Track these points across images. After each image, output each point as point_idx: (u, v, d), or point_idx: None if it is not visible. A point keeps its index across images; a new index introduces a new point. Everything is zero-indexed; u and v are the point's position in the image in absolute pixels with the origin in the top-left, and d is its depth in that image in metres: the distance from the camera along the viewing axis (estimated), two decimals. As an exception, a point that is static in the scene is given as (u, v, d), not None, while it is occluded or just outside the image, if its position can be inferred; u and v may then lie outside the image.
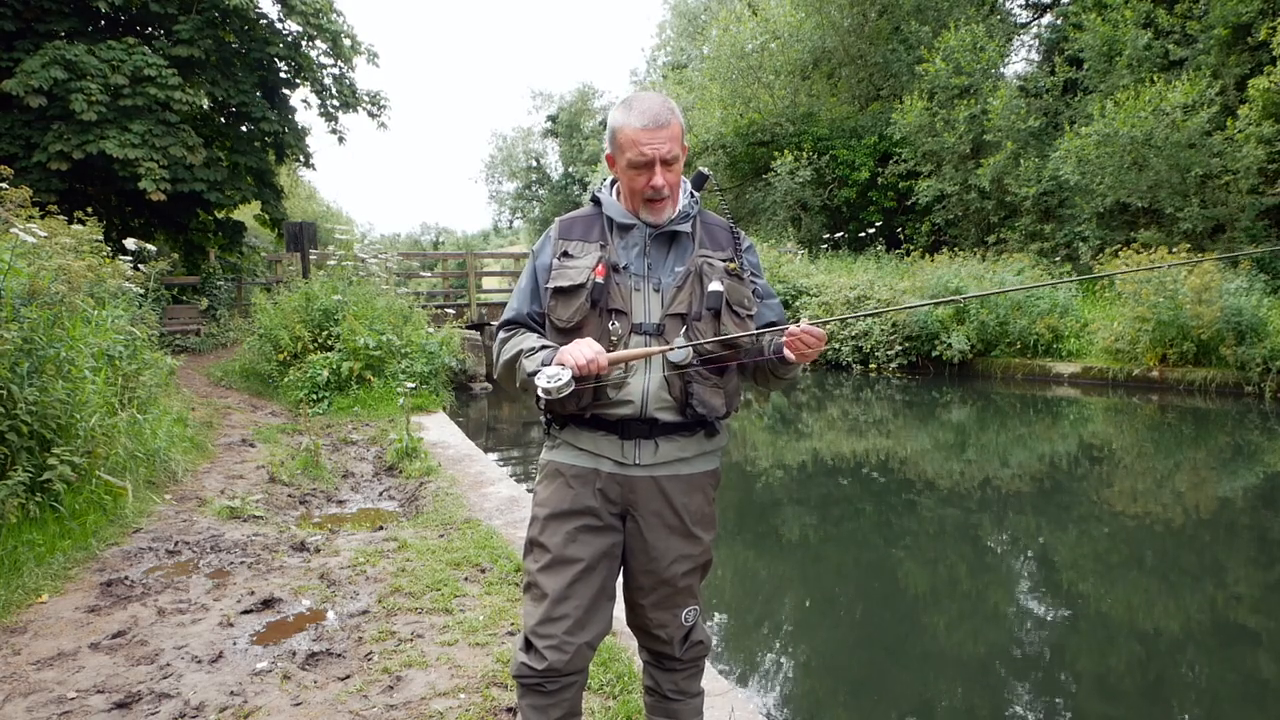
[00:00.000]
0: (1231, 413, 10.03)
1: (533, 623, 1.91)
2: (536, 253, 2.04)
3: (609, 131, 1.94)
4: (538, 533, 1.96)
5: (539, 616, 1.90)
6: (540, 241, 2.06)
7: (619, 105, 1.91)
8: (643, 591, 2.01)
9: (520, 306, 2.03)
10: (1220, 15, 14.52)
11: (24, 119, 14.04)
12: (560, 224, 2.01)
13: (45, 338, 4.54)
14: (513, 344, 1.97)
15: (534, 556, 1.96)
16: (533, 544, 1.97)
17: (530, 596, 1.95)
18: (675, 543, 1.96)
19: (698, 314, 1.89)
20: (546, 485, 1.98)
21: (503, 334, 2.02)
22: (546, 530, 1.93)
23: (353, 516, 5.56)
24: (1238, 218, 13.92)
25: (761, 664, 4.07)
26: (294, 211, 24.38)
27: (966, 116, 17.42)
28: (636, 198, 1.91)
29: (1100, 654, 4.06)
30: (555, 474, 1.97)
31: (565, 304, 1.91)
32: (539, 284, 2.00)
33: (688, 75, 26.21)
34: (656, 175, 1.86)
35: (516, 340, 1.97)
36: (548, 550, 1.92)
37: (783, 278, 15.85)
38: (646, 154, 1.84)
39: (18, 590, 3.58)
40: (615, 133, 1.90)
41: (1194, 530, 6.02)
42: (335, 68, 18.29)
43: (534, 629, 1.90)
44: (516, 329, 2.01)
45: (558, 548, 1.91)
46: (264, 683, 2.86)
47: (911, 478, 7.69)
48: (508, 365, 1.97)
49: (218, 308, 15.21)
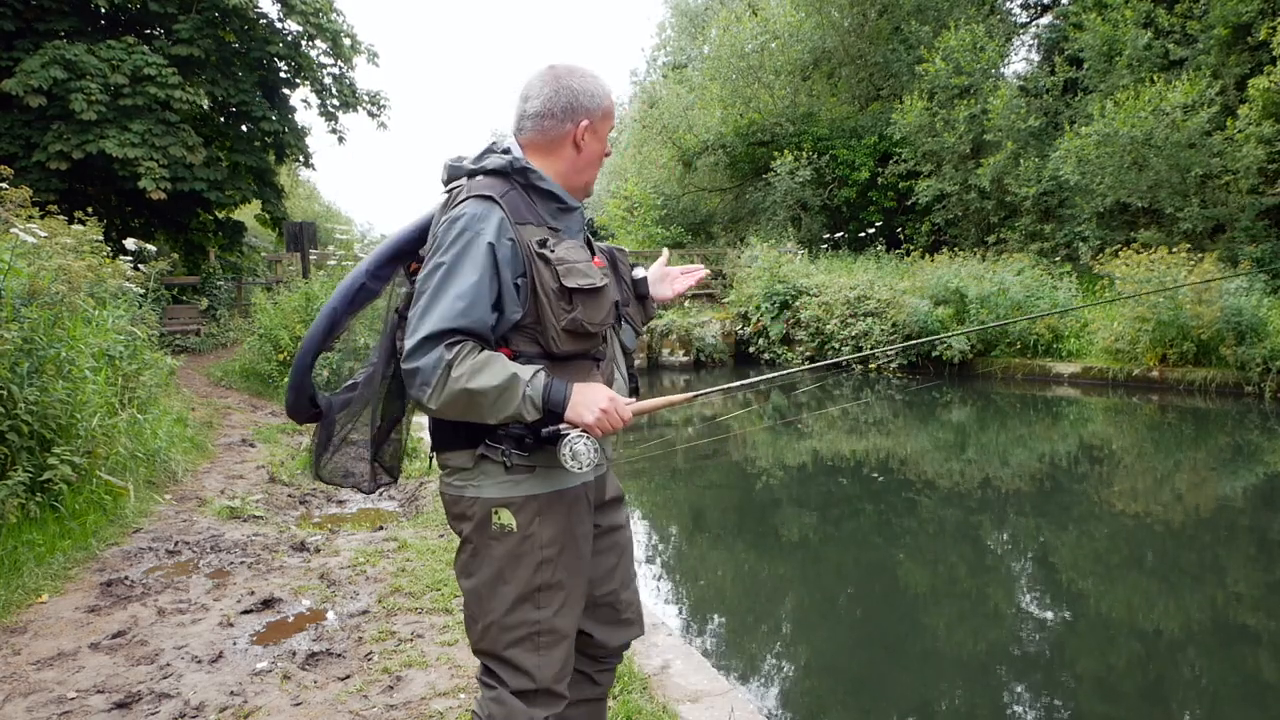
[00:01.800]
0: (1231, 413, 10.03)
1: (554, 672, 1.68)
2: (480, 236, 1.56)
3: (591, 98, 1.72)
4: (550, 576, 1.66)
5: (560, 663, 1.69)
6: (476, 220, 1.57)
7: (586, 75, 1.73)
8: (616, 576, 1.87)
9: (477, 313, 1.55)
10: (1220, 15, 14.52)
11: (24, 119, 14.04)
12: (504, 201, 1.61)
13: (45, 338, 4.54)
14: (494, 367, 1.53)
15: (542, 599, 1.67)
16: (543, 589, 1.66)
17: (543, 644, 1.67)
18: (617, 517, 1.90)
19: (627, 299, 1.90)
20: (545, 521, 1.66)
21: (446, 351, 1.51)
22: (559, 569, 1.67)
23: (353, 516, 5.56)
24: (1238, 218, 13.92)
25: (761, 664, 4.07)
26: (294, 211, 24.36)
27: (966, 116, 17.41)
28: (593, 171, 1.77)
29: (1100, 654, 4.06)
30: (555, 506, 1.68)
31: (595, 307, 1.63)
32: (502, 281, 1.58)
33: (688, 75, 26.18)
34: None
35: (489, 361, 1.53)
36: (563, 590, 1.68)
37: (783, 278, 15.84)
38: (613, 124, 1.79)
39: (18, 590, 3.58)
40: (601, 100, 1.73)
41: (1194, 530, 6.02)
42: (335, 67, 18.29)
43: (554, 681, 1.69)
44: (465, 342, 1.54)
45: (575, 586, 1.71)
46: (264, 683, 2.86)
47: (911, 478, 7.69)
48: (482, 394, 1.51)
49: (218, 308, 15.20)
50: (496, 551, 1.66)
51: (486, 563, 1.67)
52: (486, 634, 1.68)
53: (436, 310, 1.54)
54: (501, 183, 1.65)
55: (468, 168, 1.70)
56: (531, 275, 1.60)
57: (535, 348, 1.64)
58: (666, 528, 6.68)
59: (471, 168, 1.70)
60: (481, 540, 1.67)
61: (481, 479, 1.67)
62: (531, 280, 1.60)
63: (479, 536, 1.67)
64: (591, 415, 1.58)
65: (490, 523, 1.66)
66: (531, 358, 1.63)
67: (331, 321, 1.78)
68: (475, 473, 1.67)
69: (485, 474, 1.66)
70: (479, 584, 1.68)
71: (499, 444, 1.63)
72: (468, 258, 1.56)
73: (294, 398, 1.81)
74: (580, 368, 1.68)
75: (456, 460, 1.70)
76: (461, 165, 1.72)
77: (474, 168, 1.69)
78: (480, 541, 1.67)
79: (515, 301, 1.60)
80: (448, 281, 1.55)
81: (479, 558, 1.68)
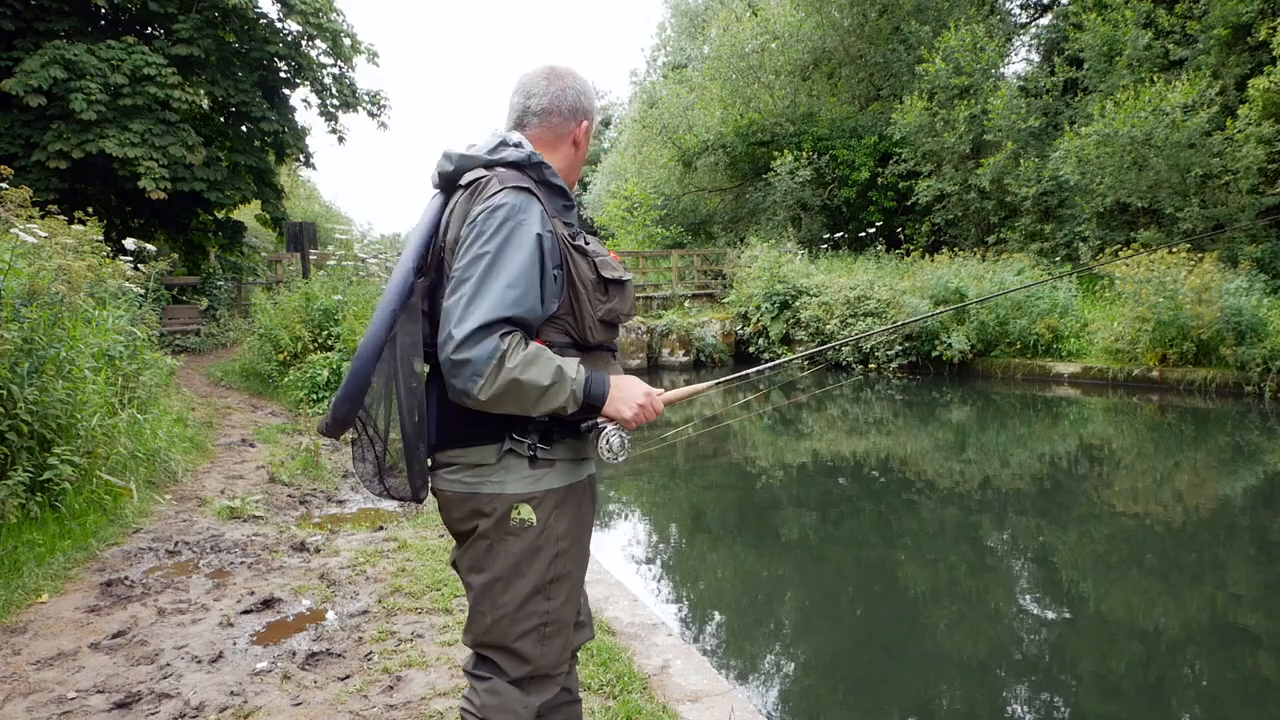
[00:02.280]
0: (1231, 413, 10.03)
1: (554, 659, 1.72)
2: (526, 226, 1.55)
3: (590, 100, 1.82)
4: (562, 568, 1.69)
5: (559, 650, 1.72)
6: (518, 211, 1.56)
7: (582, 77, 1.81)
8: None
9: (529, 302, 1.53)
10: (1220, 15, 14.52)
11: (24, 118, 14.05)
12: (538, 188, 1.63)
13: (45, 338, 4.53)
14: (542, 361, 1.51)
15: (554, 591, 1.68)
16: (554, 581, 1.68)
17: (548, 633, 1.69)
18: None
19: None
20: (561, 514, 1.67)
21: (500, 341, 1.48)
22: (569, 560, 1.71)
23: (353, 516, 5.56)
24: (1237, 218, 13.93)
25: (761, 664, 4.07)
26: (294, 211, 24.37)
27: (966, 116, 17.42)
28: (580, 169, 1.85)
29: (1100, 654, 4.06)
30: (569, 499, 1.70)
31: (625, 297, 1.67)
32: (545, 271, 1.56)
33: (688, 75, 26.18)
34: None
35: (539, 354, 1.52)
36: (571, 579, 1.72)
37: (783, 278, 15.85)
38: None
39: (18, 590, 3.58)
40: (595, 103, 1.84)
41: (1194, 530, 6.02)
42: (335, 67, 18.30)
43: (553, 667, 1.72)
44: (515, 332, 1.51)
45: (580, 576, 1.76)
46: (264, 683, 2.86)
47: (911, 478, 7.69)
48: (534, 387, 1.50)
49: (218, 308, 15.21)
50: (514, 546, 1.64)
51: (502, 557, 1.65)
52: (495, 627, 1.66)
53: (487, 299, 1.49)
54: (520, 175, 1.64)
55: (484, 158, 1.67)
56: (567, 266, 1.60)
57: (566, 338, 1.63)
58: (666, 527, 6.68)
59: (489, 158, 1.66)
60: (498, 535, 1.64)
61: (503, 474, 1.64)
62: (568, 271, 1.60)
63: (497, 531, 1.64)
64: (630, 410, 1.60)
65: (510, 518, 1.63)
66: (563, 348, 1.61)
67: (392, 321, 1.67)
68: (497, 468, 1.64)
69: (508, 469, 1.64)
70: (492, 579, 1.66)
71: (524, 438, 1.61)
72: (514, 246, 1.53)
73: (348, 410, 1.63)
74: (601, 358, 1.70)
75: (474, 456, 1.65)
76: (477, 156, 1.68)
77: (492, 159, 1.66)
78: (497, 536, 1.64)
79: (554, 293, 1.59)
80: (495, 270, 1.51)
81: (494, 553, 1.65)
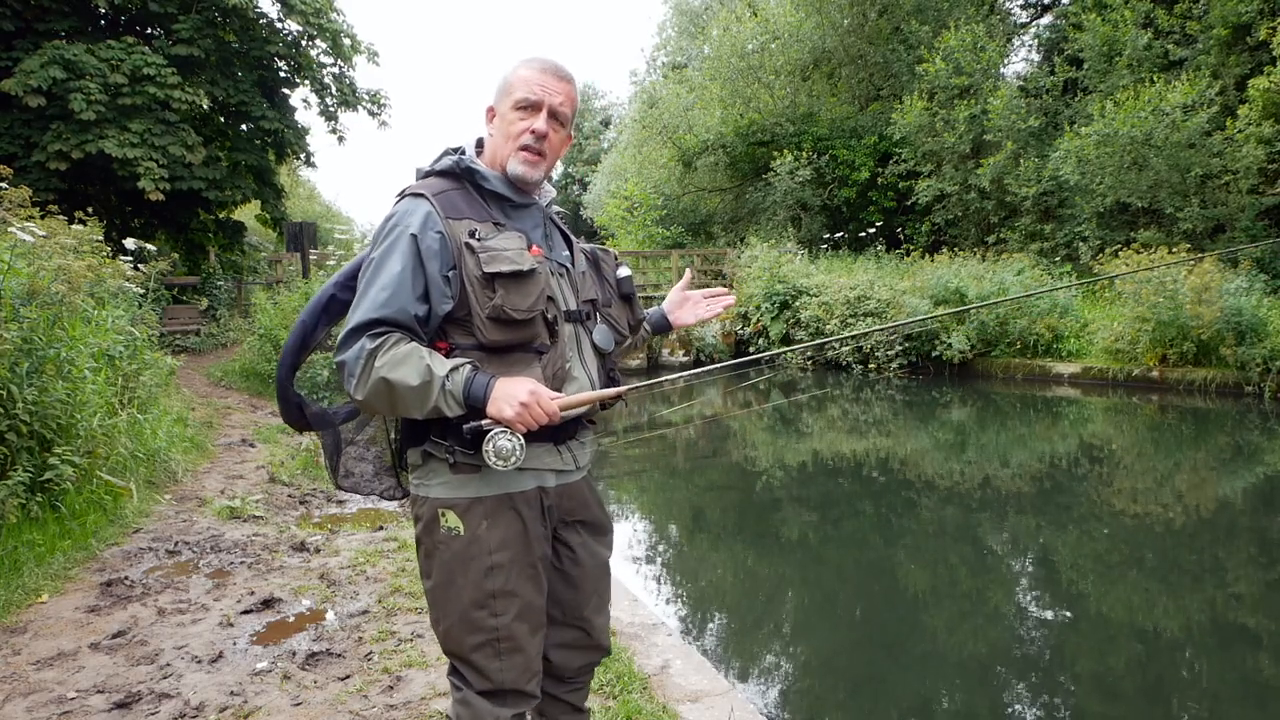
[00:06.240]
0: (1231, 413, 10.03)
1: (514, 676, 1.64)
2: (405, 230, 1.57)
3: (500, 81, 1.70)
4: (503, 583, 1.60)
5: (520, 668, 1.64)
6: (405, 216, 1.59)
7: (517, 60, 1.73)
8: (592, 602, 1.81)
9: (400, 303, 1.53)
10: (1220, 15, 14.53)
11: (23, 118, 14.03)
12: (438, 200, 1.61)
13: (45, 338, 4.53)
14: (412, 360, 1.50)
15: (498, 606, 1.61)
16: (495, 595, 1.60)
17: (503, 650, 1.62)
18: (599, 549, 1.82)
19: (608, 300, 1.88)
20: (494, 524, 1.61)
21: (369, 341, 1.51)
22: (512, 575, 1.61)
23: (353, 516, 5.56)
24: (1237, 218, 13.93)
25: (761, 664, 4.07)
26: (294, 211, 24.34)
27: (966, 116, 17.42)
28: (510, 146, 1.65)
29: (1100, 654, 4.06)
30: (502, 507, 1.62)
31: (520, 292, 1.57)
32: (428, 272, 1.56)
33: (688, 75, 26.18)
34: (540, 120, 1.64)
35: (409, 354, 1.51)
36: (518, 596, 1.62)
37: (783, 278, 15.85)
38: (537, 94, 1.64)
39: (18, 590, 3.58)
40: (506, 77, 1.68)
41: (1194, 530, 6.02)
42: (335, 67, 18.29)
43: (517, 683, 1.64)
44: (390, 333, 1.53)
45: (530, 593, 1.64)
46: (264, 683, 2.86)
47: (911, 478, 7.69)
48: (401, 386, 1.48)
49: (218, 308, 15.20)
50: (445, 554, 1.62)
51: (438, 565, 1.63)
52: (449, 636, 1.65)
53: (363, 304, 1.55)
54: (446, 181, 1.67)
55: (425, 169, 1.73)
56: (460, 266, 1.59)
57: (470, 340, 1.60)
58: (666, 527, 6.68)
59: (427, 169, 1.72)
60: (431, 542, 1.64)
61: (430, 478, 1.64)
62: (460, 271, 1.59)
63: (429, 538, 1.64)
64: (511, 410, 1.50)
65: (439, 524, 1.62)
66: (467, 350, 1.59)
67: (303, 334, 1.79)
68: (425, 471, 1.65)
69: (433, 473, 1.64)
70: (434, 586, 1.65)
71: (443, 440, 1.60)
72: (391, 251, 1.57)
73: (283, 407, 1.86)
74: (520, 360, 1.61)
75: (412, 457, 1.69)
76: (422, 168, 1.74)
77: (429, 168, 1.71)
78: (430, 543, 1.64)
79: (444, 293, 1.57)
80: (374, 276, 1.57)
81: (432, 559, 1.64)
